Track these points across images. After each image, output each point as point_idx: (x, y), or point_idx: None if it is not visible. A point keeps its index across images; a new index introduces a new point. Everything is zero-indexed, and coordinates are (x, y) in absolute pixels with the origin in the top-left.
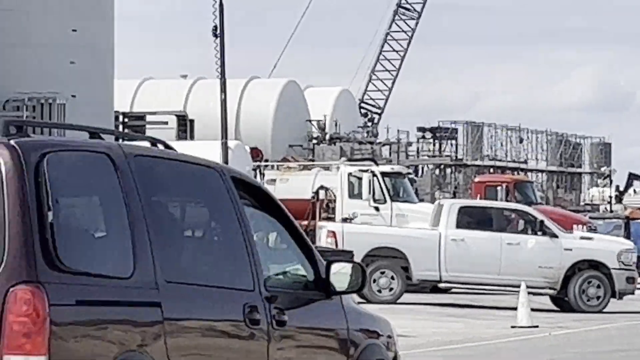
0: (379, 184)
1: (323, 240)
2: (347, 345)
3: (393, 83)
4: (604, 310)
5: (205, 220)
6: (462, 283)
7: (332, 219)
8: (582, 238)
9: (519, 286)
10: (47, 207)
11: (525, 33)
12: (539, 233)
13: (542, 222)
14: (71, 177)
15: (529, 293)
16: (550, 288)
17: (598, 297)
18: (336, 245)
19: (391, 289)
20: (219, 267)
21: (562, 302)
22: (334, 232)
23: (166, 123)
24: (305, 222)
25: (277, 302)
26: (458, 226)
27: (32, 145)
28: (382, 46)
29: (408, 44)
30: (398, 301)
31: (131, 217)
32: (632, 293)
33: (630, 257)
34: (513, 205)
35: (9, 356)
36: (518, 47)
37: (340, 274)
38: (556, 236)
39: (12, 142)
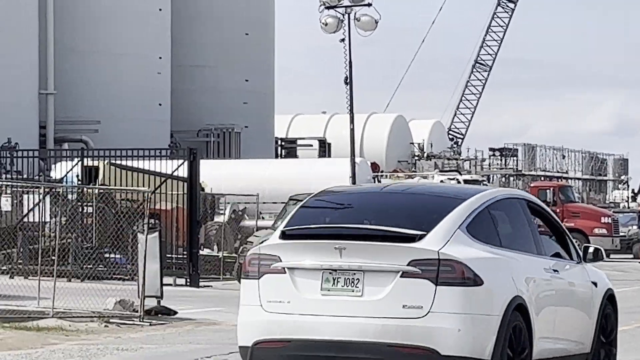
0: None
1: None
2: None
3: (472, 116)
4: (623, 278)
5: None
6: None
7: None
8: None
9: None
10: None
11: (565, 80)
12: None
13: None
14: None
15: None
16: None
17: None
18: None
19: None
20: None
21: None
22: None
23: (311, 145)
24: None
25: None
26: None
27: None
28: (464, 90)
29: (482, 89)
30: None
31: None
32: None
33: None
34: None
35: None
36: (560, 90)
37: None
38: None
39: None
